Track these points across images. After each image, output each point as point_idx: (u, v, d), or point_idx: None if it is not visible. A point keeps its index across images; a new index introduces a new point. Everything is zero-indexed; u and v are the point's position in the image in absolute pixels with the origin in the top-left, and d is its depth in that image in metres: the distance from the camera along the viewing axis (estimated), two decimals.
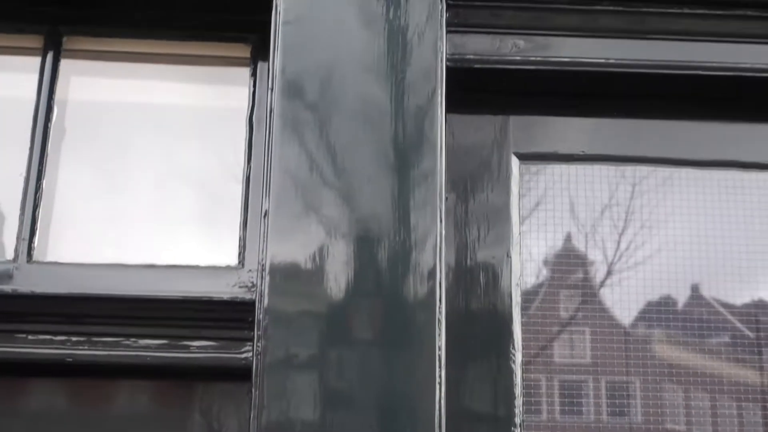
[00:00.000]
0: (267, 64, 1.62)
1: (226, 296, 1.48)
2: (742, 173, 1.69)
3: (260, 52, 1.71)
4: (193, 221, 1.71)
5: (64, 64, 1.72)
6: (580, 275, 1.69)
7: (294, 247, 1.38)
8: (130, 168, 1.73)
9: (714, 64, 1.67)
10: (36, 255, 1.55)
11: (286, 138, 1.46)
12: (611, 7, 1.69)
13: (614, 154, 1.70)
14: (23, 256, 1.54)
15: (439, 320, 1.36)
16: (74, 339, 1.46)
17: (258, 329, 1.34)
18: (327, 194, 1.43)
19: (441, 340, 1.35)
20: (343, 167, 1.43)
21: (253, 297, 1.39)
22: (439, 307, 1.37)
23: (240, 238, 1.57)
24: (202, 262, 1.57)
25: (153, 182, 1.72)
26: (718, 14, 1.71)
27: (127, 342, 1.46)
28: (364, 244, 1.38)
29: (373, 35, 1.55)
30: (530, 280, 1.64)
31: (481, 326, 1.54)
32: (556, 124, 1.72)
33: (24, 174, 1.60)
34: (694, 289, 1.65)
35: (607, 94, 1.71)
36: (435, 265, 1.37)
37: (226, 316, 1.49)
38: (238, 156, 1.67)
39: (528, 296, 1.61)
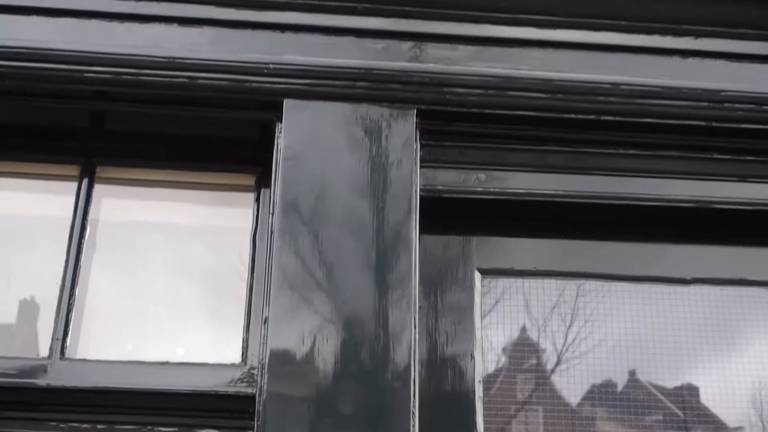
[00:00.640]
0: (269, 191, 1.91)
1: (230, 390, 1.72)
2: (666, 286, 1.99)
3: (263, 181, 2.02)
4: (203, 323, 1.96)
5: (97, 188, 2.01)
6: (534, 364, 1.95)
7: (289, 349, 1.63)
8: (149, 276, 2.00)
9: (643, 195, 2.00)
10: (68, 353, 1.79)
11: (284, 255, 1.73)
12: (558, 148, 2.02)
13: (560, 269, 1.99)
14: (57, 354, 1.77)
15: (413, 412, 1.60)
16: (99, 427, 1.68)
17: (258, 419, 1.57)
18: (318, 302, 1.69)
19: (415, 428, 1.59)
20: (333, 282, 1.70)
21: (254, 391, 1.63)
22: (413, 401, 1.61)
23: (243, 339, 1.82)
24: (211, 360, 1.81)
25: (169, 289, 1.98)
26: (647, 154, 2.05)
27: (145, 430, 1.68)
28: (349, 345, 1.63)
29: (359, 169, 1.86)
30: (491, 368, 1.89)
31: (448, 414, 1.78)
32: (513, 245, 2.02)
33: (60, 282, 1.85)
34: (631, 374, 1.91)
35: (554, 219, 2.01)
36: (410, 363, 1.62)
37: (231, 408, 1.73)
38: (242, 269, 1.94)
39: (489, 383, 1.86)
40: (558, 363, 1.97)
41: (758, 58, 2.06)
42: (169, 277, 1.98)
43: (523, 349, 1.98)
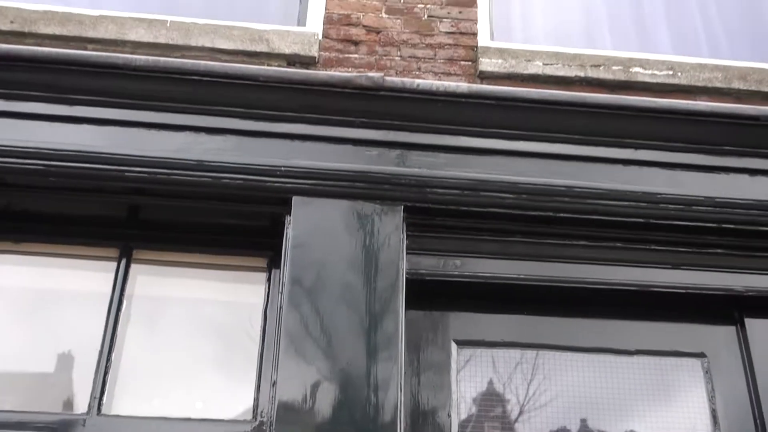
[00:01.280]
0: (278, 272, 2.25)
1: None
2: (613, 356, 2.31)
3: (274, 263, 2.35)
4: (220, 383, 2.25)
5: (133, 268, 2.34)
6: (501, 415, 2.25)
7: (294, 407, 1.92)
8: (175, 343, 2.30)
9: (592, 279, 2.35)
10: (103, 409, 2.07)
11: (291, 326, 2.04)
12: (521, 239, 2.37)
13: (524, 341, 2.32)
14: (94, 410, 2.05)
15: None
16: None
17: None
18: (319, 366, 1.99)
19: None
20: (332, 349, 2.01)
21: None
22: None
23: (254, 398, 2.11)
24: (226, 416, 2.10)
25: (191, 353, 2.28)
26: (596, 245, 2.41)
27: None
28: (345, 402, 1.93)
29: (356, 255, 2.20)
30: (465, 422, 2.19)
31: None
32: (484, 319, 2.35)
33: (98, 348, 2.15)
34: (582, 422, 2.21)
35: (518, 299, 2.35)
36: (396, 416, 1.91)
37: None
38: (254, 337, 2.25)
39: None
40: (520, 414, 2.26)
41: (688, 166, 2.44)
42: (191, 344, 2.28)
43: (491, 405, 2.27)
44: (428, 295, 2.29)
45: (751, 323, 2.38)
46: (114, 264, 2.32)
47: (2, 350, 2.20)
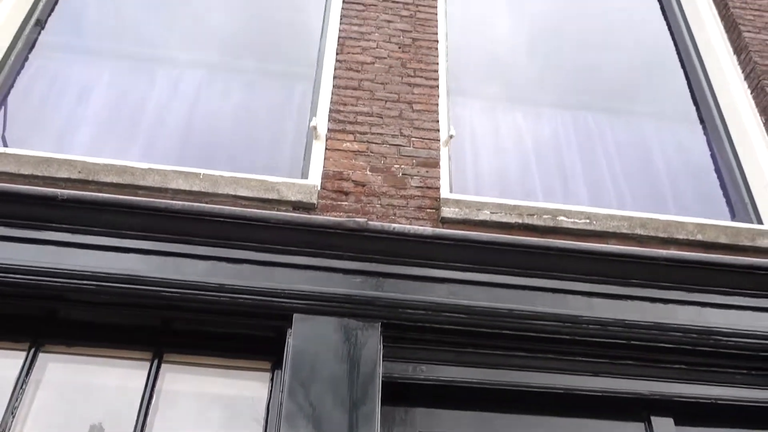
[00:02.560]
0: (280, 373, 2.67)
1: None
2: None
3: (277, 365, 2.77)
4: None
5: (163, 367, 2.75)
6: None
7: None
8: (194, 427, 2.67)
9: (531, 383, 2.80)
10: None
11: (291, 418, 2.45)
12: (474, 350, 2.85)
13: None
14: None
15: None
16: None
17: None
18: None
19: None
20: None
21: None
22: None
23: None
24: None
25: None
26: (532, 356, 2.88)
27: None
28: None
29: (343, 360, 2.63)
30: None
31: None
32: (445, 415, 2.77)
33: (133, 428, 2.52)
34: None
35: (473, 398, 2.79)
36: None
37: None
38: (258, 428, 2.63)
39: None
40: None
41: (603, 295, 2.97)
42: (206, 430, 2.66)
43: None
44: (400, 394, 2.72)
45: (656, 421, 2.83)
46: (147, 363, 2.71)
47: None
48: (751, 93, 4.17)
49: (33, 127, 3.52)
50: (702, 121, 4.37)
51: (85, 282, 2.70)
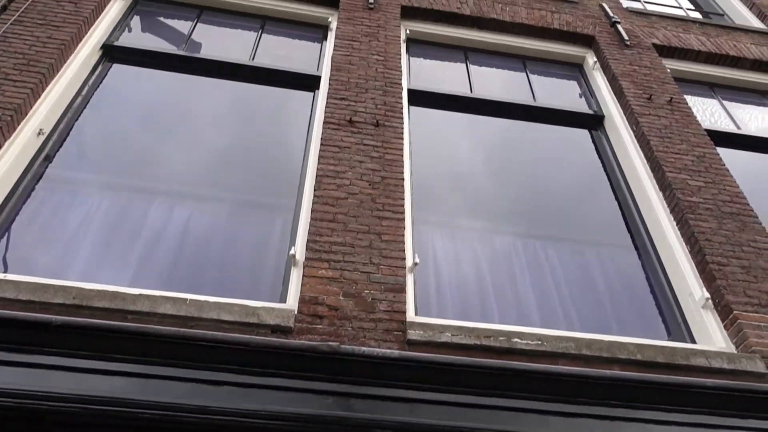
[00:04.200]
0: None
1: None
2: None
3: None
4: None
5: None
6: None
7: None
8: None
9: None
10: None
11: None
12: None
13: None
14: None
15: None
16: None
17: None
18: None
19: None
20: None
21: None
22: None
23: None
24: None
25: None
26: None
27: None
28: None
29: None
30: None
31: None
32: None
33: None
34: None
35: None
36: None
37: None
38: None
39: None
40: None
41: (556, 413, 2.99)
42: None
43: None
44: None
45: None
46: None
47: None
48: (677, 224, 4.41)
49: (34, 253, 3.55)
50: (636, 248, 4.58)
51: (68, 405, 2.65)
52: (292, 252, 3.56)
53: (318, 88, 5.14)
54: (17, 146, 3.95)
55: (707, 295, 3.84)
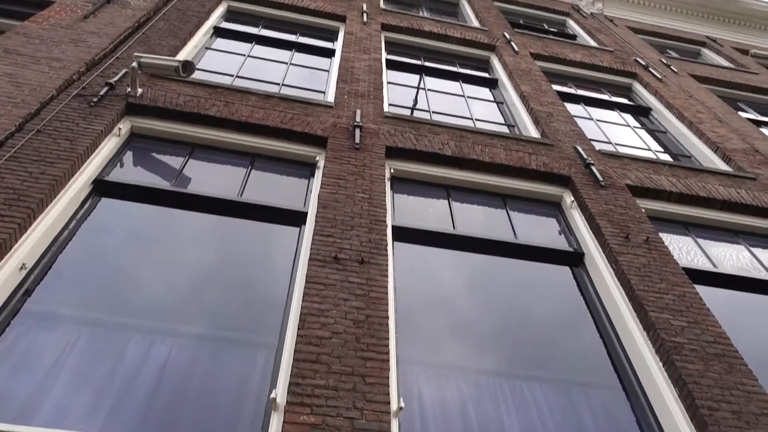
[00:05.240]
0: None
1: None
2: None
3: None
4: None
5: None
6: None
7: None
8: None
9: None
10: None
11: None
12: None
13: None
14: None
15: None
16: None
17: None
18: None
19: None
20: None
21: None
22: None
23: None
24: None
25: None
26: None
27: None
28: None
29: None
30: None
31: None
32: None
33: None
34: None
35: None
36: None
37: None
38: None
39: None
40: None
41: None
42: None
43: None
44: None
45: None
46: None
47: None
48: (663, 366, 4.43)
49: (4, 393, 3.43)
50: (624, 389, 4.55)
51: None
52: (273, 395, 3.48)
53: (304, 224, 5.29)
54: None
55: None
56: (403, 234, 5.50)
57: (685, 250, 6.27)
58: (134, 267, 4.65)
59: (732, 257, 6.38)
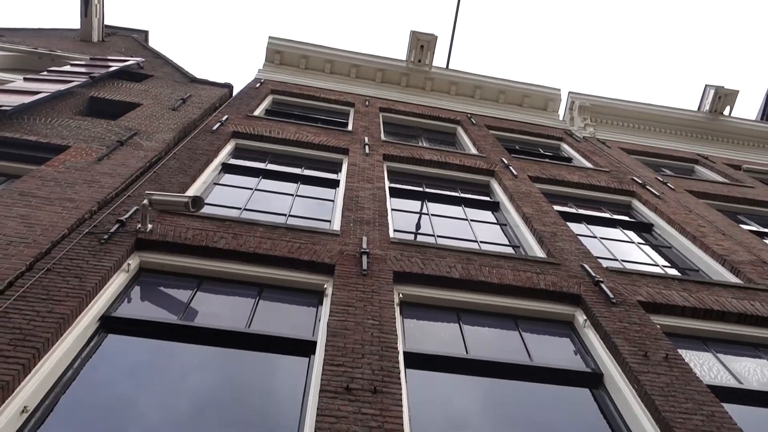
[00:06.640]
0: None
1: None
2: None
3: None
4: None
5: None
6: None
7: None
8: None
9: None
10: None
11: None
12: None
13: None
14: None
15: None
16: None
17: None
18: None
19: None
20: None
21: None
22: None
23: None
24: None
25: None
26: None
27: None
28: None
29: None
30: None
31: None
32: None
33: None
34: None
35: None
36: None
37: None
38: None
39: None
40: None
41: None
42: None
43: None
44: None
45: None
46: None
47: None
48: None
49: None
50: None
51: None
52: None
53: (314, 353, 5.21)
54: None
55: None
56: (416, 360, 5.39)
57: (706, 367, 6.10)
58: (139, 403, 4.52)
59: (757, 372, 6.19)
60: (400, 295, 6.27)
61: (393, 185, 10.11)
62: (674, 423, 4.69)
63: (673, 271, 8.67)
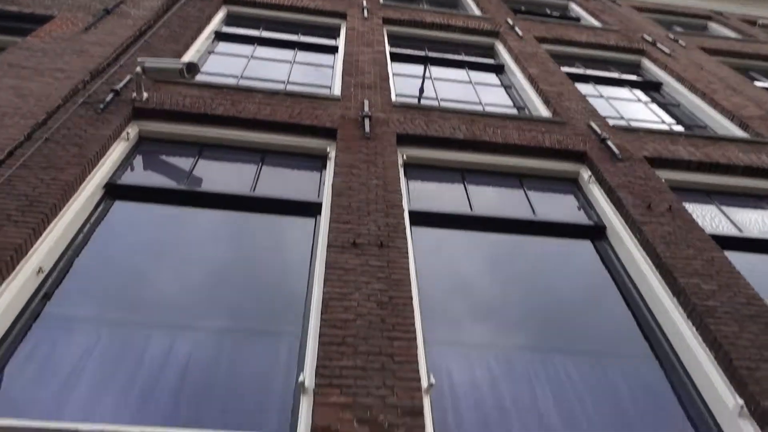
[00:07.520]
0: None
1: None
2: None
3: None
4: None
5: None
6: None
7: None
8: None
9: None
10: None
11: None
12: None
13: None
14: None
15: None
16: None
17: None
18: None
19: None
20: None
21: None
22: None
23: None
24: None
25: None
26: None
27: None
28: None
29: None
30: None
31: None
32: None
33: None
34: None
35: None
36: None
37: None
38: None
39: None
40: None
41: None
42: None
43: None
44: None
45: None
46: None
47: None
48: (697, 330, 4.35)
49: (30, 394, 3.42)
50: (657, 358, 4.47)
51: None
52: (301, 379, 3.45)
53: (320, 213, 5.28)
54: (16, 285, 3.96)
55: (741, 402, 3.69)
56: (421, 218, 5.46)
57: (709, 218, 6.18)
58: (152, 266, 4.65)
59: (758, 222, 6.28)
60: (404, 157, 6.24)
61: (394, 50, 9.76)
62: (674, 268, 4.81)
63: (680, 128, 8.57)
